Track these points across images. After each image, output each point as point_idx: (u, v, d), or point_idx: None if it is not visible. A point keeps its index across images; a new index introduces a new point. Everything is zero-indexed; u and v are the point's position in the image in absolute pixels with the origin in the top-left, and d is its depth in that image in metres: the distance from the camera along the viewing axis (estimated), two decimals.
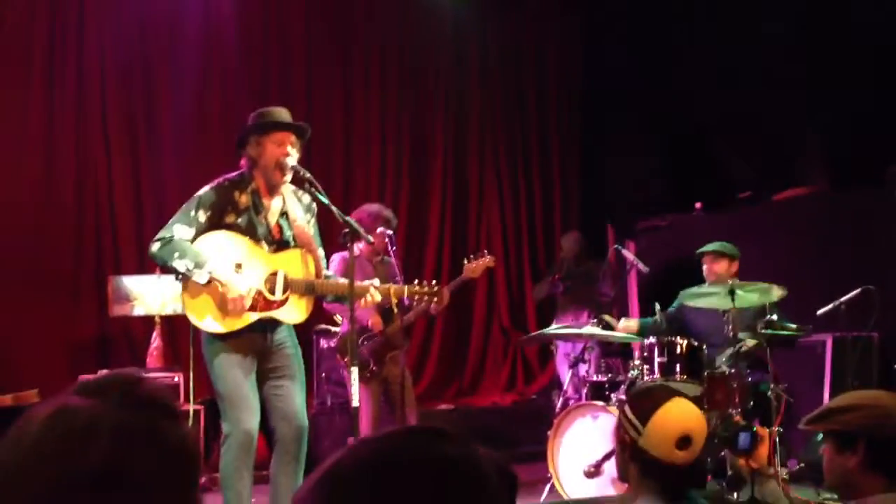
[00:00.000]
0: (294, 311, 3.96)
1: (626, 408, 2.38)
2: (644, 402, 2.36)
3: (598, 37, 9.18)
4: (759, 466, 4.48)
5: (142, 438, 1.01)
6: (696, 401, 4.85)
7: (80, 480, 0.96)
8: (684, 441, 2.28)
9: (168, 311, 6.62)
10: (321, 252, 4.11)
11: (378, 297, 3.99)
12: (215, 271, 3.81)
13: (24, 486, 0.97)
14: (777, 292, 5.05)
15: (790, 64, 7.47)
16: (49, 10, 7.37)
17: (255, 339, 3.91)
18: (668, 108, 8.37)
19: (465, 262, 5.53)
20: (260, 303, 3.88)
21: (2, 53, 7.19)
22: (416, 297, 4.11)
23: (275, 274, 3.91)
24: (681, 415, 2.32)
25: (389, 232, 5.40)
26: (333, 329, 6.56)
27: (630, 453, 2.33)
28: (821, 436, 2.34)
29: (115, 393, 1.03)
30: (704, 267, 5.72)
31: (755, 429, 4.56)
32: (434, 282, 4.18)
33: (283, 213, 4.03)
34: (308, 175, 3.96)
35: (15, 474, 0.98)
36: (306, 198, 4.12)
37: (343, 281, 4.00)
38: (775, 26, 7.46)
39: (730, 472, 4.60)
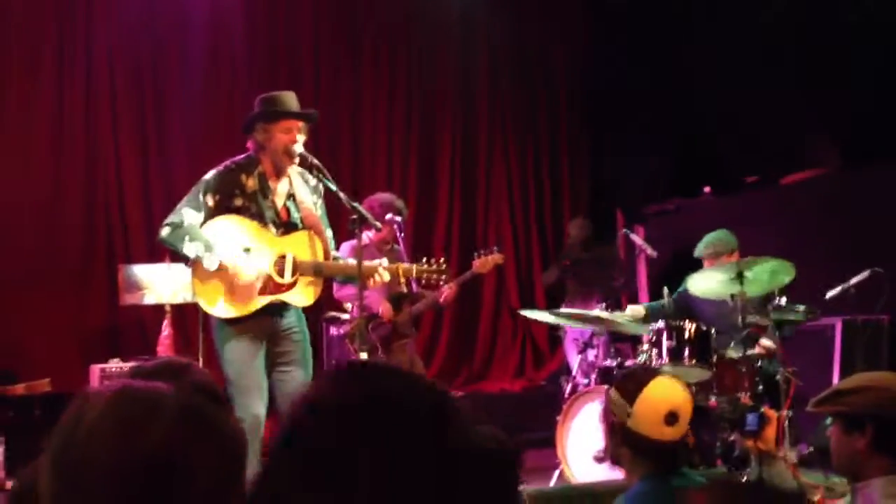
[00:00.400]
0: (303, 294, 3.98)
1: (612, 391, 2.44)
2: (629, 384, 2.42)
3: (601, 35, 9.15)
4: (766, 448, 4.49)
5: (198, 424, 1.02)
6: (706, 385, 4.93)
7: (138, 465, 0.97)
8: (671, 417, 2.34)
9: (179, 299, 6.63)
10: (329, 233, 4.13)
11: (387, 277, 4.00)
12: (225, 257, 3.83)
13: (85, 469, 0.97)
14: (789, 269, 4.88)
15: (790, 63, 7.42)
16: (56, 5, 7.38)
17: (265, 323, 3.94)
18: (670, 105, 8.34)
19: (476, 256, 5.52)
20: (269, 286, 3.90)
21: (11, 51, 7.21)
22: (425, 277, 4.12)
23: (283, 257, 3.93)
24: (666, 392, 2.38)
25: (398, 219, 5.40)
26: (343, 316, 6.58)
27: (621, 436, 2.39)
28: (830, 420, 2.35)
29: (171, 378, 1.04)
30: (706, 264, 5.53)
31: (762, 410, 4.56)
32: (442, 259, 4.18)
33: (291, 196, 4.05)
34: (315, 161, 3.99)
35: (76, 461, 0.98)
36: (313, 180, 4.12)
37: (351, 262, 4.02)
38: (775, 25, 7.40)
39: (736, 454, 4.62)
